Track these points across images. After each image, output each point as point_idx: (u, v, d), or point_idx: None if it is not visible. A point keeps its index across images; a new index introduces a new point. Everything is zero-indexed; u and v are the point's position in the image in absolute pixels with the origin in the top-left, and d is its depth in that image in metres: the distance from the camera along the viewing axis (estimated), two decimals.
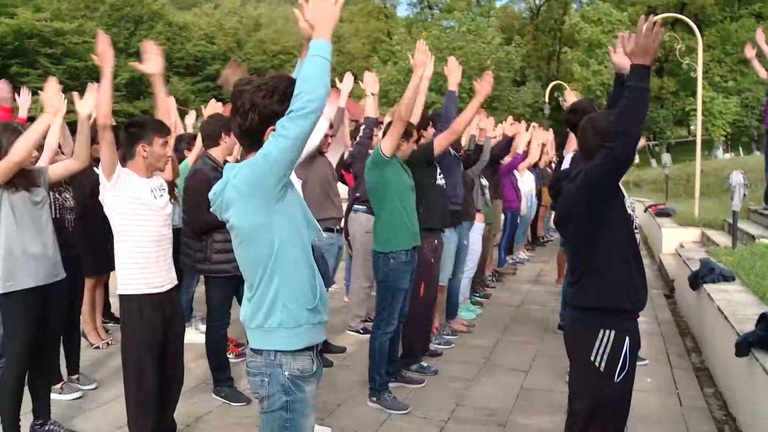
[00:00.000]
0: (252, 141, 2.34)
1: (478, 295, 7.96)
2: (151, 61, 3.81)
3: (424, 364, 5.36)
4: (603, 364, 2.89)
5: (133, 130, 3.60)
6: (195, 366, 5.31)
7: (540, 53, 47.25)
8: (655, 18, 2.65)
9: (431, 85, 21.12)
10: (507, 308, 7.72)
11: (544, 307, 7.76)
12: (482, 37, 31.30)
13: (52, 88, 3.88)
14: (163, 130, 3.64)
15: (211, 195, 2.36)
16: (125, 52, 41.70)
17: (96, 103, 3.47)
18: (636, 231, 3.01)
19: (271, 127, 2.25)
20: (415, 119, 4.96)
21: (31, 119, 4.85)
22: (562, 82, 27.41)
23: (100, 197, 3.54)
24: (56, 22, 37.13)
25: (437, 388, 5.05)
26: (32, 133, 3.82)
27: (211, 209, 2.39)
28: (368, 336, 6.08)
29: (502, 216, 9.11)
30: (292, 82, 2.29)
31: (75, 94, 4.17)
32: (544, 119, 28.09)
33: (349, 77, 5.97)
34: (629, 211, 2.98)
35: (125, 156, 3.62)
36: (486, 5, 50.85)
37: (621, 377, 2.90)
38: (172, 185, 4.25)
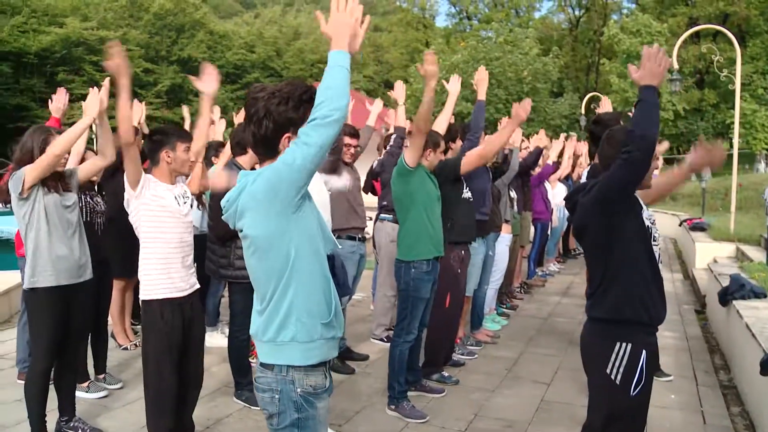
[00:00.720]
0: (267, 149, 2.31)
1: (504, 306, 7.93)
2: (207, 81, 3.87)
3: (446, 373, 5.36)
4: (619, 377, 2.88)
5: (156, 137, 3.72)
6: (218, 369, 5.40)
7: (578, 64, 46.85)
8: (656, 46, 2.77)
9: (467, 96, 21.08)
10: (533, 320, 7.67)
11: (571, 319, 7.69)
12: (519, 47, 31.15)
13: (94, 96, 3.96)
14: (185, 136, 3.78)
15: (223, 202, 2.32)
16: (167, 60, 42.60)
17: (117, 119, 3.54)
18: (656, 244, 3.00)
19: (287, 135, 2.25)
20: (441, 130, 5.00)
21: (69, 124, 5.00)
22: (599, 94, 27.11)
23: (125, 205, 3.64)
24: (102, 30, 38.08)
25: (457, 398, 5.05)
26: (70, 133, 3.93)
27: (222, 217, 2.35)
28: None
29: (532, 228, 9.06)
30: (307, 89, 2.27)
31: (91, 89, 4.31)
32: (580, 131, 27.85)
33: (378, 103, 6.44)
34: (648, 223, 2.97)
35: (150, 163, 3.75)
36: (525, 16, 50.67)
37: (637, 391, 2.89)
38: (200, 193, 4.34)
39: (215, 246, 4.80)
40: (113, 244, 5.30)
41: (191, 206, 3.83)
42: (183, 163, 3.72)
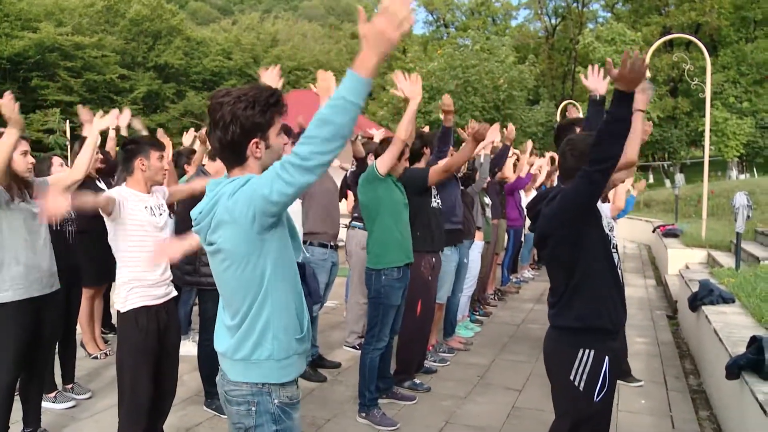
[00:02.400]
0: (234, 155, 2.21)
1: (478, 313, 7.95)
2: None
3: (417, 381, 5.36)
4: (582, 384, 2.91)
5: (130, 147, 3.73)
6: (189, 378, 5.35)
7: (554, 72, 47.24)
8: (643, 54, 2.69)
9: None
10: (506, 327, 7.70)
11: (544, 326, 7.48)
12: (496, 55, 31.31)
13: (7, 104, 3.72)
14: (158, 144, 3.78)
15: (194, 214, 2.23)
16: (143, 66, 42.31)
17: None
18: (614, 251, 3.02)
19: (254, 140, 2.19)
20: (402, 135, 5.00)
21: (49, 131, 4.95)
22: (574, 102, 27.37)
23: (106, 222, 3.64)
24: (77, 36, 37.73)
25: (429, 405, 5.05)
26: (86, 150, 4.07)
27: (193, 229, 2.27)
28: None
29: (506, 235, 9.10)
30: (273, 92, 2.19)
31: (99, 113, 4.34)
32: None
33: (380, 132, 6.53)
34: (606, 230, 2.99)
35: (125, 173, 3.75)
36: (501, 24, 51.06)
37: (600, 396, 2.92)
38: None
39: None
40: (83, 252, 5.25)
41: (167, 216, 3.82)
42: (157, 171, 3.72)
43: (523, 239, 10.10)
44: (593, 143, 2.68)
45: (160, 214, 3.74)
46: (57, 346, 4.74)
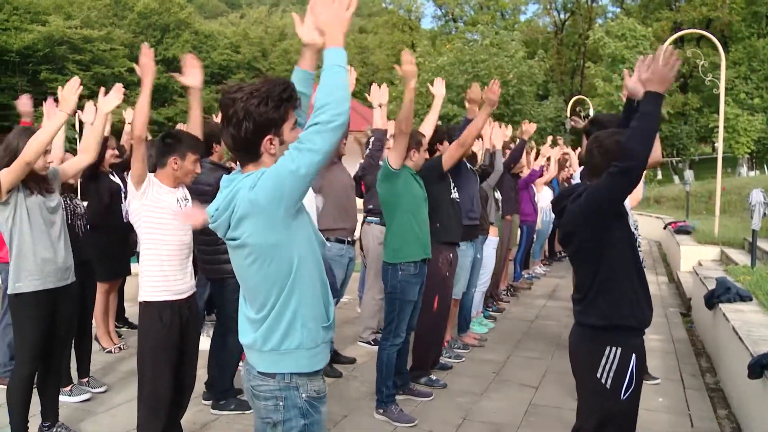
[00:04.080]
0: (248, 152, 2.19)
1: (491, 309, 7.91)
2: (191, 75, 3.80)
3: (433, 377, 5.33)
4: (609, 382, 2.89)
5: (169, 141, 3.68)
6: (203, 373, 5.32)
7: (563, 68, 47.11)
8: (676, 50, 2.72)
9: (454, 98, 21.24)
10: (520, 323, 7.66)
11: (558, 322, 7.69)
12: (505, 50, 31.21)
13: (71, 86, 3.79)
14: (197, 147, 3.73)
15: (210, 210, 2.21)
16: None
17: (135, 112, 3.53)
18: (639, 249, 2.99)
19: (268, 136, 2.17)
20: (428, 132, 4.99)
21: None
22: (585, 97, 27.27)
23: (125, 205, 3.62)
24: (85, 29, 37.78)
25: (445, 401, 5.02)
26: (45, 130, 3.76)
27: (211, 226, 2.24)
28: (377, 347, 6.10)
29: (518, 230, 9.06)
30: (285, 87, 2.17)
31: (101, 89, 4.25)
32: (566, 134, 27.95)
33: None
34: (632, 228, 2.97)
35: (156, 164, 3.71)
36: (510, 19, 50.90)
37: (627, 395, 2.90)
38: None
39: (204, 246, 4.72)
40: (97, 247, 5.24)
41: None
42: (187, 173, 3.70)
43: (535, 235, 10.06)
44: (624, 141, 2.67)
45: (186, 205, 3.73)
46: (72, 340, 4.73)
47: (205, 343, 5.55)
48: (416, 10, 54.45)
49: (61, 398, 4.44)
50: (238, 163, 2.30)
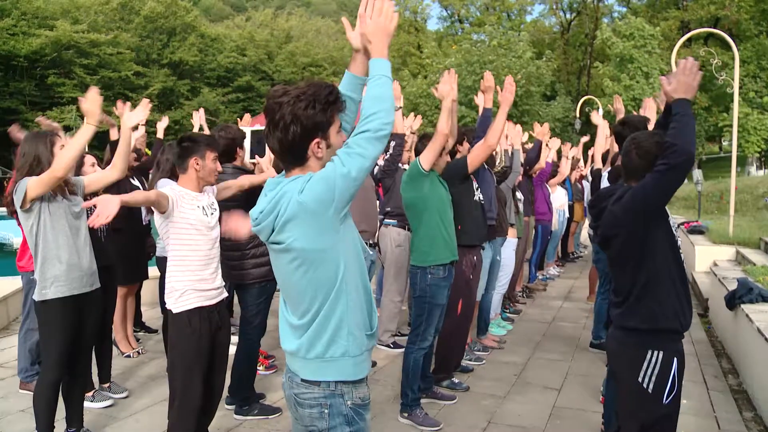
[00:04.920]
0: (295, 156, 2.16)
1: (508, 311, 7.88)
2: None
3: (456, 380, 5.29)
4: (651, 386, 2.88)
5: (186, 144, 3.66)
6: (228, 377, 5.31)
7: (570, 68, 47.00)
8: (697, 61, 2.83)
9: (461, 99, 21.23)
10: (538, 325, 7.62)
11: (575, 324, 7.65)
12: (513, 51, 31.19)
13: (93, 98, 3.77)
14: (214, 145, 3.74)
15: (254, 213, 2.19)
16: (158, 63, 42.44)
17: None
18: (680, 250, 2.96)
19: (316, 140, 2.15)
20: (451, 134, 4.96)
21: (66, 128, 4.96)
22: (594, 97, 27.19)
23: (155, 220, 3.61)
24: (92, 33, 37.87)
25: (469, 404, 4.99)
26: (74, 144, 3.76)
27: (254, 229, 2.22)
28: (398, 350, 6.08)
29: (533, 231, 9.02)
30: (331, 90, 2.16)
31: (127, 105, 4.25)
32: (575, 134, 27.89)
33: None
34: (674, 229, 2.94)
35: (177, 171, 3.72)
36: (516, 19, 50.84)
37: (669, 399, 2.89)
38: None
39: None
40: (116, 250, 5.22)
41: (218, 214, 3.78)
42: (210, 173, 3.70)
43: (549, 236, 10.01)
44: (671, 140, 2.67)
45: (212, 213, 3.72)
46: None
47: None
48: (422, 11, 54.43)
49: (84, 404, 4.43)
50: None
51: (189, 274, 3.58)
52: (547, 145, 8.73)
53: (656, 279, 2.86)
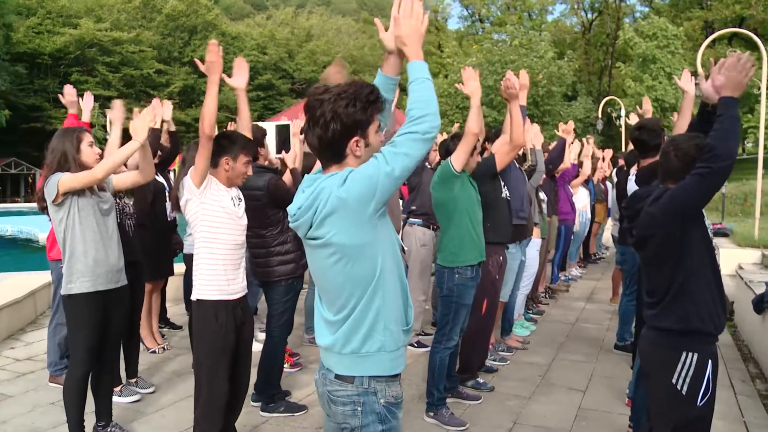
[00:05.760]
0: (334, 153, 2.19)
1: (531, 311, 7.84)
2: (238, 76, 3.93)
3: (480, 380, 5.28)
4: (686, 388, 2.86)
5: (223, 142, 3.65)
6: (254, 374, 5.33)
7: (591, 68, 46.73)
8: (752, 56, 2.76)
9: (483, 99, 21.16)
10: (561, 326, 7.58)
11: (599, 325, 7.60)
12: (534, 51, 31.06)
13: (143, 116, 3.85)
14: (250, 149, 3.73)
15: (292, 209, 2.21)
16: (179, 61, 42.78)
17: (203, 112, 3.51)
18: (716, 252, 2.94)
19: (355, 138, 2.17)
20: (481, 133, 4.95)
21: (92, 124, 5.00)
22: (616, 98, 27.01)
23: (182, 204, 3.61)
24: (115, 32, 38.30)
25: (494, 405, 4.97)
26: (119, 156, 3.85)
27: (292, 224, 2.25)
28: (422, 350, 6.08)
29: (556, 231, 8.97)
30: (373, 89, 2.19)
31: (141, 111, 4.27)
32: (597, 135, 27.73)
33: None
34: (709, 231, 2.92)
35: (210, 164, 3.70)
36: (538, 19, 50.63)
37: (704, 401, 2.87)
38: None
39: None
40: (142, 246, 5.26)
41: (243, 208, 3.79)
42: (239, 175, 3.69)
43: (572, 236, 9.96)
44: (713, 143, 2.67)
45: (239, 204, 3.73)
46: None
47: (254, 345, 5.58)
48: (443, 10, 54.41)
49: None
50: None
51: (218, 259, 3.58)
52: (571, 143, 8.67)
53: (693, 279, 2.85)
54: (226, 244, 3.60)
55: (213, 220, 3.57)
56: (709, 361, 2.85)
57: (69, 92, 5.19)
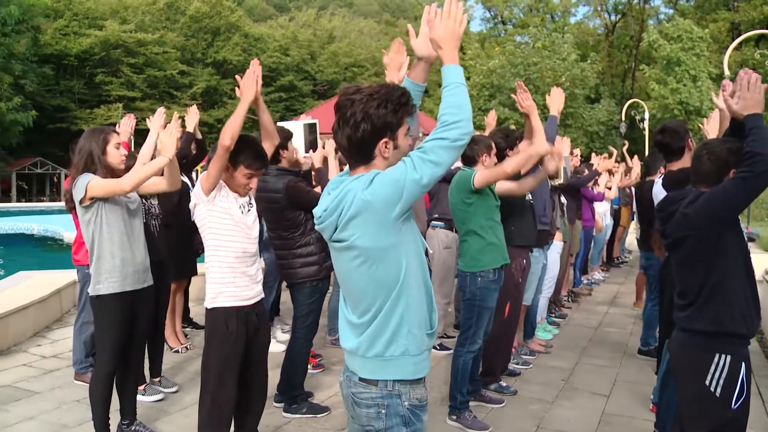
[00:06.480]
0: (362, 154, 2.18)
1: (554, 315, 7.80)
2: (247, 89, 3.80)
3: (503, 383, 5.25)
4: (719, 390, 2.84)
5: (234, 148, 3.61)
6: (272, 375, 5.34)
7: (614, 70, 46.35)
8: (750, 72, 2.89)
9: (504, 101, 21.10)
10: (584, 330, 7.53)
11: (622, 330, 7.54)
12: (557, 53, 30.87)
13: (172, 133, 3.84)
14: (255, 164, 3.55)
15: (318, 212, 2.22)
16: (203, 62, 43.09)
17: (227, 124, 3.43)
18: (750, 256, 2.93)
19: (384, 139, 2.16)
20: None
21: (112, 125, 5.02)
22: (639, 101, 26.77)
23: (191, 207, 3.57)
24: (140, 33, 38.70)
25: (517, 409, 4.95)
26: (147, 170, 3.85)
27: (317, 227, 2.25)
28: (444, 352, 6.07)
29: (577, 235, 8.92)
30: (403, 92, 2.18)
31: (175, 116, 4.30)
32: (619, 138, 27.50)
33: None
34: (744, 233, 2.91)
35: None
36: (560, 21, 50.33)
37: (738, 404, 2.84)
38: None
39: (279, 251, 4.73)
40: (167, 246, 5.30)
41: (255, 212, 3.75)
42: (238, 186, 3.56)
43: (593, 240, 9.90)
44: (754, 149, 2.68)
45: (249, 211, 3.64)
46: None
47: (273, 345, 5.60)
48: (465, 12, 54.23)
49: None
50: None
51: (225, 268, 3.52)
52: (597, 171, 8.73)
53: (726, 280, 2.84)
54: (235, 252, 3.52)
55: (220, 228, 3.50)
56: (743, 364, 2.83)
57: (126, 123, 5.28)
